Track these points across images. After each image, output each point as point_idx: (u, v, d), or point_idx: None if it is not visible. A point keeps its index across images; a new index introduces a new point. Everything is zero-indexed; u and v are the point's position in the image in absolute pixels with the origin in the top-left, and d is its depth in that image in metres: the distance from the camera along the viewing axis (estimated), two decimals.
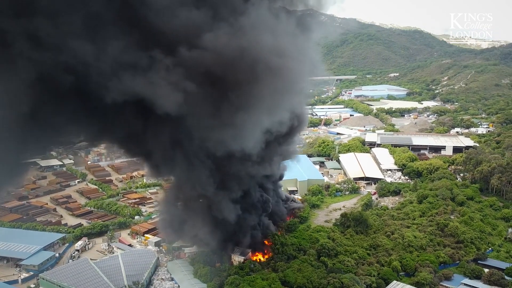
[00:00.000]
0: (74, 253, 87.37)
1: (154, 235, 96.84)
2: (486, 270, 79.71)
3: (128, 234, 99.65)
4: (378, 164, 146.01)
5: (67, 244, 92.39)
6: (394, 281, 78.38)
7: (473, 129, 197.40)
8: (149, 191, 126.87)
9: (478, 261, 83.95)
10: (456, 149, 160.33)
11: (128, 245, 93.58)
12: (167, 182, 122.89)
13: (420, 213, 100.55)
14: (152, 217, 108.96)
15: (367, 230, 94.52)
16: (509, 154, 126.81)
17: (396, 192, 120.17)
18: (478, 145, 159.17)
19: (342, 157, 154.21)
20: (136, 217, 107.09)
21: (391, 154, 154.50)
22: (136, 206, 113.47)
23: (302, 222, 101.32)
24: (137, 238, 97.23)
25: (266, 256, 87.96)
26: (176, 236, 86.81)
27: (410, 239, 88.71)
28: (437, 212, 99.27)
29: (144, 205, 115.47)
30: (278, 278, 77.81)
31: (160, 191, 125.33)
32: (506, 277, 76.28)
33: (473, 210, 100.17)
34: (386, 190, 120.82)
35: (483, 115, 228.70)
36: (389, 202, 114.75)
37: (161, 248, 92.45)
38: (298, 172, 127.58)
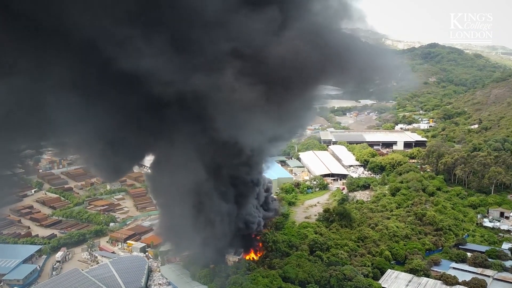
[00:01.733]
0: (55, 264, 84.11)
1: (136, 241, 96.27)
2: (468, 254, 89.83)
3: (107, 241, 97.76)
4: (339, 161, 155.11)
5: (44, 256, 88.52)
6: (389, 270, 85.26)
7: (415, 125, 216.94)
8: (115, 197, 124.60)
9: (459, 246, 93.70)
10: (407, 144, 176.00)
11: (111, 252, 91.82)
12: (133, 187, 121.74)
13: (396, 204, 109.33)
14: (127, 223, 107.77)
15: (351, 223, 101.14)
16: (463, 146, 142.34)
17: (365, 187, 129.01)
18: (426, 139, 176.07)
19: (302, 155, 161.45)
20: (111, 224, 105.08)
21: (349, 151, 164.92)
22: (106, 213, 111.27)
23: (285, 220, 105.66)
24: (118, 245, 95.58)
25: (259, 254, 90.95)
26: (175, 241, 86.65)
27: (394, 230, 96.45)
28: (412, 203, 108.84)
29: (114, 212, 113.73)
30: (279, 275, 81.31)
31: (126, 196, 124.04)
32: (489, 259, 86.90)
33: (443, 199, 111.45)
34: (356, 185, 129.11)
35: (421, 112, 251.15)
36: (360, 196, 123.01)
37: (147, 253, 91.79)
38: (267, 171, 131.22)
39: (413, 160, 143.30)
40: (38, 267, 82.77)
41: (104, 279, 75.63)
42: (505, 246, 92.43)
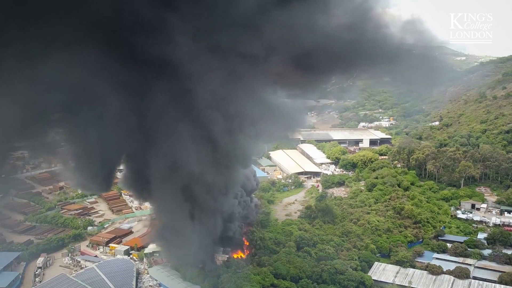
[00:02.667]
0: (37, 271, 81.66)
1: (117, 244, 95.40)
2: (448, 244, 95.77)
3: (87, 246, 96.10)
4: (310, 159, 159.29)
5: (24, 263, 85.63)
6: (376, 262, 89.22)
7: (376, 123, 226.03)
8: (88, 200, 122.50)
9: (439, 238, 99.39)
10: (372, 142, 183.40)
11: (94, 256, 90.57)
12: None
13: (374, 200, 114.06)
14: (105, 226, 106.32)
15: (334, 219, 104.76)
16: (429, 142, 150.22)
17: (340, 183, 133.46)
18: (390, 137, 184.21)
19: (272, 154, 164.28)
20: (89, 227, 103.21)
21: (319, 149, 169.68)
22: (81, 216, 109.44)
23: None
24: (99, 249, 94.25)
25: (247, 253, 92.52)
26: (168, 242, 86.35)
27: (376, 224, 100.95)
28: (389, 197, 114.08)
29: (90, 215, 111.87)
30: (270, 272, 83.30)
31: (99, 200, 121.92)
32: (468, 249, 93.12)
33: (417, 193, 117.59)
34: (331, 182, 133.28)
35: (380, 110, 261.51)
36: (336, 192, 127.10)
37: (131, 256, 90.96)
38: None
39: (383, 157, 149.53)
40: (20, 274, 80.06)
41: (94, 283, 74.58)
42: (481, 236, 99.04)
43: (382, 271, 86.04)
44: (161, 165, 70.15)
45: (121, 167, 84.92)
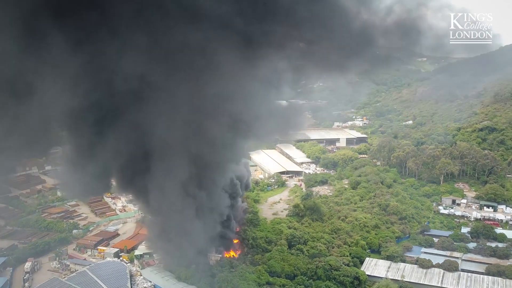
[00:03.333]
0: (25, 276, 79.85)
1: (105, 247, 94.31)
2: (435, 239, 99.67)
3: (74, 249, 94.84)
4: (290, 159, 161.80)
5: (10, 268, 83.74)
6: (367, 258, 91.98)
7: (350, 122, 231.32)
8: (68, 204, 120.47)
9: (425, 232, 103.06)
10: (349, 141, 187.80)
11: (83, 259, 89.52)
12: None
13: (359, 197, 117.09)
14: (90, 229, 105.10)
15: (322, 217, 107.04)
16: (406, 140, 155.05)
17: (323, 182, 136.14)
18: (366, 136, 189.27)
19: (252, 154, 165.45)
20: (74, 231, 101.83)
21: (298, 148, 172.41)
22: (65, 220, 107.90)
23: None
24: (87, 252, 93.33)
25: (239, 252, 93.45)
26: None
27: (364, 221, 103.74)
28: (374, 195, 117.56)
29: (73, 218, 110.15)
30: (264, 270, 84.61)
31: (79, 202, 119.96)
32: (454, 243, 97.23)
33: (400, 190, 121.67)
34: (313, 180, 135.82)
35: (352, 110, 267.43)
36: (320, 191, 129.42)
37: (121, 258, 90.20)
38: None
39: (362, 156, 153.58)
40: (8, 280, 78.24)
41: (88, 286, 73.97)
42: (464, 230, 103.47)
43: (374, 266, 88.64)
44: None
45: None
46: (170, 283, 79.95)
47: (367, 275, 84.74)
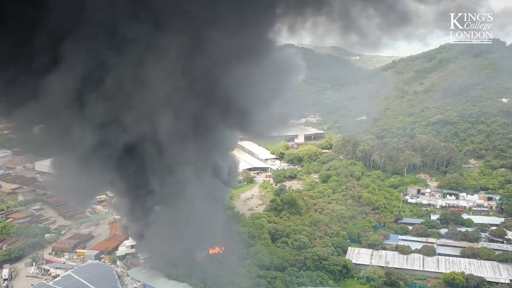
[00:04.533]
0: (4, 283, 76.94)
1: (82, 249, 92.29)
2: (409, 227, 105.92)
3: (49, 253, 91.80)
4: (254, 155, 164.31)
5: None
6: (349, 247, 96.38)
7: (304, 119, 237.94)
8: (32, 208, 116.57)
9: (398, 221, 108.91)
10: (307, 137, 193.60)
11: (63, 263, 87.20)
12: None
13: (331, 190, 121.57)
14: (62, 232, 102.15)
15: (299, 210, 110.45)
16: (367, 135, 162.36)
17: (291, 177, 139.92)
18: (323, 132, 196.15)
19: None
20: (47, 235, 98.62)
21: (260, 145, 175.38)
22: (33, 224, 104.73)
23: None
24: (64, 256, 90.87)
25: (223, 248, 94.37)
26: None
27: (341, 212, 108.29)
28: (345, 187, 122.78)
29: (41, 223, 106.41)
30: (254, 264, 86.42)
31: (44, 206, 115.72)
32: (428, 229, 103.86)
33: (369, 182, 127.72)
34: (282, 176, 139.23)
35: (303, 107, 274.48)
36: (290, 186, 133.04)
37: (102, 260, 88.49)
38: None
39: (325, 151, 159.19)
40: None
41: None
42: (434, 217, 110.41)
43: (357, 254, 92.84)
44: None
45: None
46: (161, 282, 79.67)
47: (354, 263, 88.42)
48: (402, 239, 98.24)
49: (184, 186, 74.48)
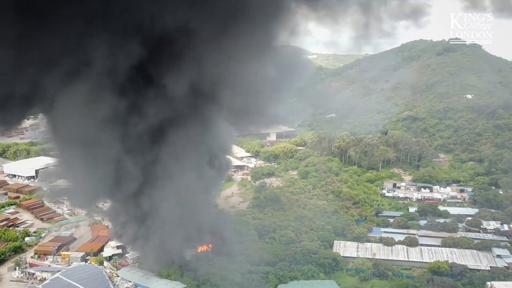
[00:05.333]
0: None
1: (67, 251, 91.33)
2: (390, 219, 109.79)
3: (32, 256, 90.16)
4: (230, 154, 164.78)
5: None
6: (335, 241, 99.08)
7: None
8: (7, 212, 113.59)
9: (378, 214, 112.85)
10: (279, 135, 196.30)
11: (47, 266, 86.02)
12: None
13: (311, 186, 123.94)
14: (42, 235, 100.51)
15: (283, 206, 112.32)
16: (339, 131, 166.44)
17: (270, 174, 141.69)
18: (295, 129, 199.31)
19: None
20: (27, 238, 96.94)
21: (234, 144, 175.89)
22: (10, 228, 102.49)
23: None
24: (47, 259, 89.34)
25: (210, 245, 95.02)
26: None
27: (323, 207, 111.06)
28: (325, 183, 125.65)
29: (18, 226, 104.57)
30: (244, 260, 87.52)
31: (19, 209, 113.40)
32: (408, 221, 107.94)
33: (347, 177, 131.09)
34: (260, 173, 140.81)
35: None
36: (270, 183, 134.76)
37: (88, 262, 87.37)
38: None
39: (300, 147, 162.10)
40: None
41: None
42: (412, 210, 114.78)
43: (344, 247, 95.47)
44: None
45: None
46: (153, 281, 79.70)
47: (342, 256, 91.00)
48: (385, 232, 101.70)
49: (179, 180, 74.76)
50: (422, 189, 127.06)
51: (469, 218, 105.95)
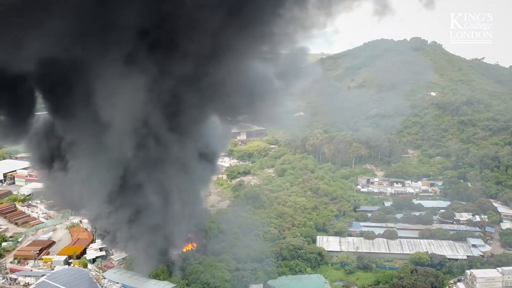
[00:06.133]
0: None
1: (47, 255, 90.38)
2: (368, 214, 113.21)
3: (12, 262, 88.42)
4: None
5: None
6: (318, 236, 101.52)
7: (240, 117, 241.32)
8: None
9: (356, 209, 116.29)
10: (249, 133, 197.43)
11: (30, 271, 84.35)
12: None
13: (289, 183, 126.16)
14: (19, 240, 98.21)
15: (263, 204, 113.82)
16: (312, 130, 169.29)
17: (245, 173, 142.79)
18: (264, 128, 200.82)
19: None
20: (4, 243, 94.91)
21: None
22: None
23: None
24: (27, 263, 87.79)
25: (194, 244, 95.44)
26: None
27: (303, 204, 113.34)
28: (302, 180, 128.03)
29: None
30: (230, 258, 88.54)
31: None
32: (386, 215, 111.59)
33: (323, 174, 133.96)
34: (236, 172, 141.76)
35: None
36: (246, 181, 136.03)
37: (71, 265, 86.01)
38: None
39: (273, 146, 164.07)
40: None
41: None
42: (387, 204, 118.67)
43: (327, 242, 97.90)
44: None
45: None
46: (141, 282, 79.56)
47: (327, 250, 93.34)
48: (365, 226, 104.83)
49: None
50: (394, 183, 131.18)
51: (442, 211, 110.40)
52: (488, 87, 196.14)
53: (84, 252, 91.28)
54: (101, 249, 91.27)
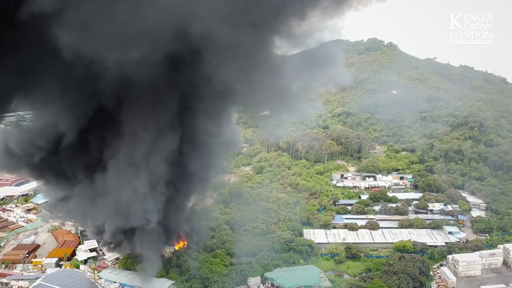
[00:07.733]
0: None
1: (35, 258, 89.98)
2: (348, 207, 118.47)
3: None
4: None
5: None
6: (304, 230, 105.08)
7: None
8: None
9: (336, 203, 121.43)
10: None
11: (21, 274, 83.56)
12: None
13: (268, 180, 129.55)
14: (1, 244, 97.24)
15: (247, 201, 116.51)
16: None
17: None
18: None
19: None
20: None
21: None
22: None
23: None
24: (16, 268, 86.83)
25: (185, 242, 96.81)
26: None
27: (285, 199, 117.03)
28: (281, 176, 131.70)
29: None
30: (224, 253, 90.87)
31: None
32: (365, 208, 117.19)
33: (300, 170, 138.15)
34: None
35: None
36: (228, 179, 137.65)
37: (63, 267, 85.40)
38: None
39: (245, 144, 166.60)
40: None
41: None
42: (363, 197, 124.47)
43: (314, 235, 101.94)
44: None
45: None
46: (139, 280, 79.90)
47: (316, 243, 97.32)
48: (347, 218, 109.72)
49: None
50: (367, 178, 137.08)
51: (416, 202, 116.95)
52: (443, 85, 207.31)
53: (73, 254, 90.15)
54: (91, 250, 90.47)
